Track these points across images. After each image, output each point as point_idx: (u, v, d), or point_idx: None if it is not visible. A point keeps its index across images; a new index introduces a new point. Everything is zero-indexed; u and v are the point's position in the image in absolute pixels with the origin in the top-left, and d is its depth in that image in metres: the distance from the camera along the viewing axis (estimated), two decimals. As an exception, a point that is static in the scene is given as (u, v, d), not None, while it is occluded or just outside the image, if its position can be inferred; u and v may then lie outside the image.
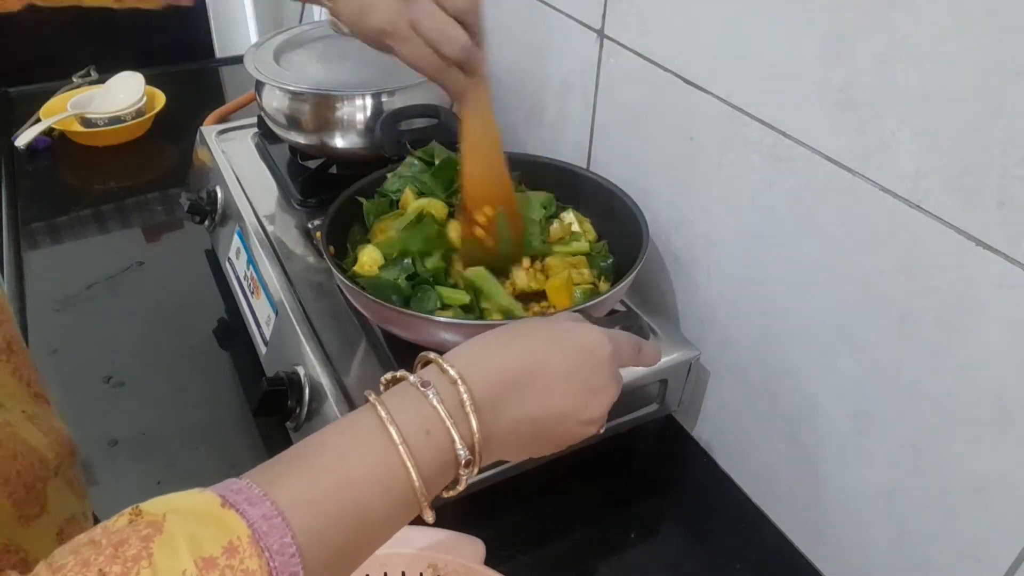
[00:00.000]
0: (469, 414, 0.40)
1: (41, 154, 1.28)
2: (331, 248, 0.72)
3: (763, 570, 0.70)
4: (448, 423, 0.39)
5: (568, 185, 0.82)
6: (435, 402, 0.39)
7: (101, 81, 1.39)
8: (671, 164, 0.76)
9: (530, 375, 0.43)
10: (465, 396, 0.40)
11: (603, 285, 0.75)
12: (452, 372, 0.40)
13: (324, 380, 0.69)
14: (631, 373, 0.71)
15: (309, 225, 0.88)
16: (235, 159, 1.00)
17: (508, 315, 0.68)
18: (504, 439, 0.42)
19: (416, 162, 0.80)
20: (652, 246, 0.72)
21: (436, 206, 0.75)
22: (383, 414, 0.38)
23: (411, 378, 0.41)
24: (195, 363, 0.90)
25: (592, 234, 0.80)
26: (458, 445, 0.39)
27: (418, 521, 0.39)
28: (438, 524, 0.54)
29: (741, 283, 0.71)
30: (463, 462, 0.39)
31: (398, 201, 0.78)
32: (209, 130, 1.06)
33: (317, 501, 0.35)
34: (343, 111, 0.91)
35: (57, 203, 1.18)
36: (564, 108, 0.91)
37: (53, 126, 1.28)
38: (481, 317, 0.69)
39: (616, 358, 0.47)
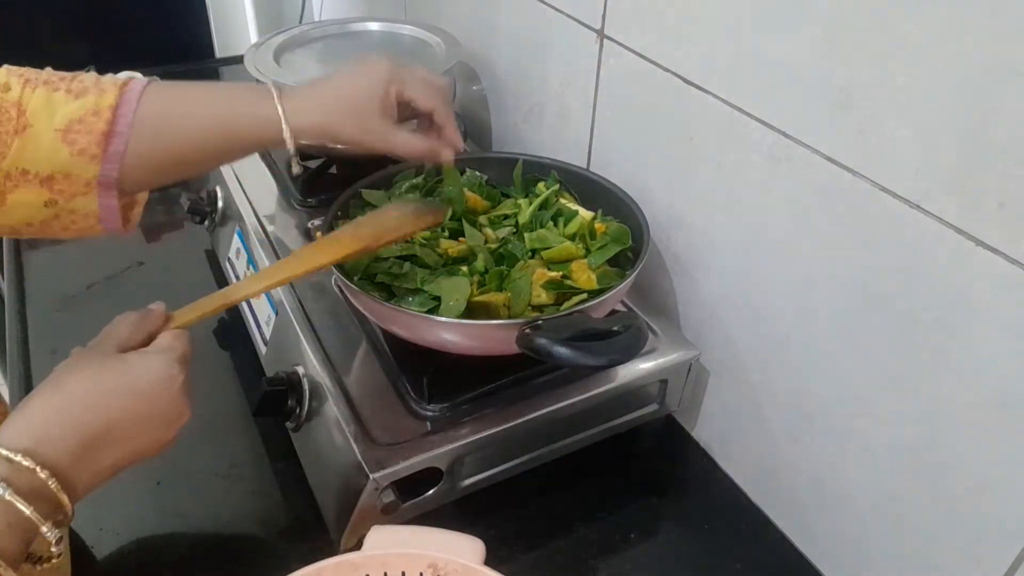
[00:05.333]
0: (56, 493, 0.42)
1: (41, 154, 1.28)
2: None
3: (763, 570, 0.70)
4: (28, 512, 0.41)
5: (568, 185, 0.82)
6: (8, 496, 0.40)
7: (101, 81, 1.38)
8: (671, 164, 0.76)
9: (105, 432, 0.46)
10: (49, 482, 0.42)
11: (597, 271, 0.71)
12: (26, 463, 0.41)
13: (324, 380, 0.68)
14: (631, 373, 0.71)
15: (309, 225, 0.88)
16: (235, 159, 1.00)
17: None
18: (90, 485, 0.46)
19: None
20: (652, 246, 0.72)
21: None
22: None
23: None
24: (195, 363, 0.89)
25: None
26: (44, 529, 0.42)
27: (417, 521, 0.39)
28: (438, 524, 0.54)
29: (741, 283, 0.71)
30: (54, 540, 0.42)
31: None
32: (209, 130, 1.06)
33: None
34: (343, 111, 0.91)
35: (57, 203, 1.18)
36: (564, 108, 0.91)
37: (53, 126, 1.28)
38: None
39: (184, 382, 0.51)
